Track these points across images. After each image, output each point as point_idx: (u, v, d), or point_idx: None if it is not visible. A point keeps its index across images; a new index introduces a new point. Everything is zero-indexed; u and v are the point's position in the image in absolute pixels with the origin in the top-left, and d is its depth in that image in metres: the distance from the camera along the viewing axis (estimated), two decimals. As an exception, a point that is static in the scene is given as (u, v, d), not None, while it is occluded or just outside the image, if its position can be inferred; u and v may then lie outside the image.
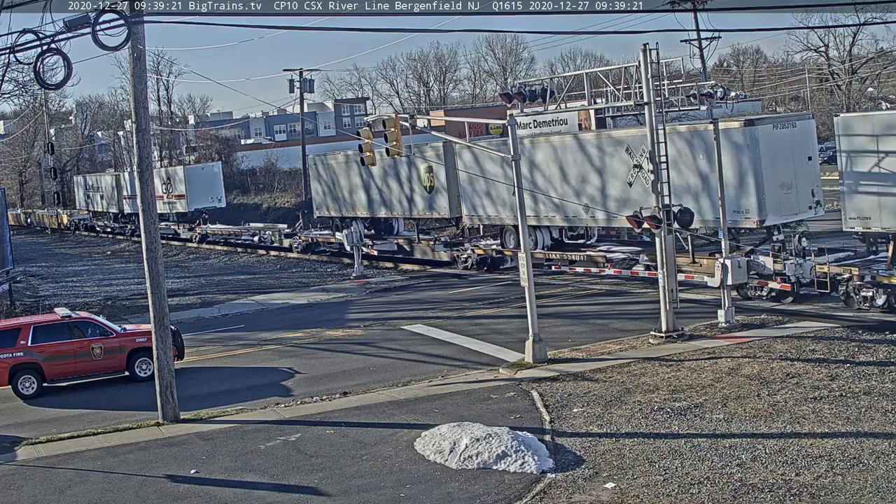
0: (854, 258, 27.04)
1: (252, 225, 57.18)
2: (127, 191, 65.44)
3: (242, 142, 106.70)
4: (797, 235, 27.84)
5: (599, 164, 31.59)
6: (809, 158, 28.70)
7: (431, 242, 42.09)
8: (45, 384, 23.99)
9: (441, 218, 41.50)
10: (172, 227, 61.45)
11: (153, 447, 18.78)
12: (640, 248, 32.32)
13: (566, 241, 35.79)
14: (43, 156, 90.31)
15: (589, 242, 35.68)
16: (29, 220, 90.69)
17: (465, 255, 38.90)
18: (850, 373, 19.80)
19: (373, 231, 45.66)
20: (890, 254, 25.53)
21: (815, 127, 28.51)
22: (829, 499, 13.77)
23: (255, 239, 53.89)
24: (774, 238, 28.05)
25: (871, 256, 26.85)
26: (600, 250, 33.69)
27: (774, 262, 27.01)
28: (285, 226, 53.91)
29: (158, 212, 67.36)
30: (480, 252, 38.09)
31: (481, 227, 39.45)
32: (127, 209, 66.46)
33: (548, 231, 35.53)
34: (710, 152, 27.04)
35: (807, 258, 26.66)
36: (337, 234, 43.62)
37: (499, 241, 37.48)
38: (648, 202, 25.63)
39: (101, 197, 73.44)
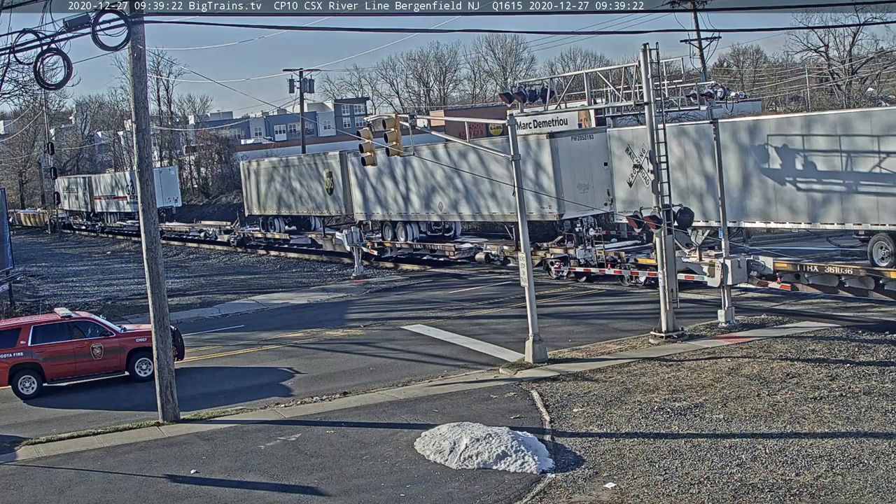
0: (634, 245, 33.24)
1: (203, 223, 64.94)
2: (98, 192, 72.42)
3: (242, 142, 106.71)
4: (587, 226, 34.36)
5: (467, 170, 37.57)
6: (605, 164, 33.37)
7: (332, 237, 46.53)
8: (45, 384, 24.00)
9: (338, 215, 48.17)
10: (137, 224, 65.04)
11: (153, 447, 18.78)
12: (505, 239, 38.36)
13: (430, 234, 43.58)
14: (43, 156, 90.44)
15: (447, 234, 43.51)
16: (10, 219, 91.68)
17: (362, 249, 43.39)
18: (850, 373, 19.80)
19: (294, 227, 51.66)
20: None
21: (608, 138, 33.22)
22: (829, 499, 13.77)
23: (202, 235, 61.42)
24: (576, 229, 34.70)
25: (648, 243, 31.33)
26: (455, 241, 41.89)
27: (566, 248, 34.39)
28: (228, 223, 60.39)
29: (125, 211, 69.95)
30: (370, 244, 44.52)
31: (370, 223, 46.22)
32: (98, 209, 73.86)
33: (416, 226, 42.76)
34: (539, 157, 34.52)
35: (596, 245, 33.29)
36: (337, 234, 43.72)
37: (387, 236, 44.39)
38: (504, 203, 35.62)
39: (76, 198, 79.29)
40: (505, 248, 37.47)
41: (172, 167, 72.97)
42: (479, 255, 39.00)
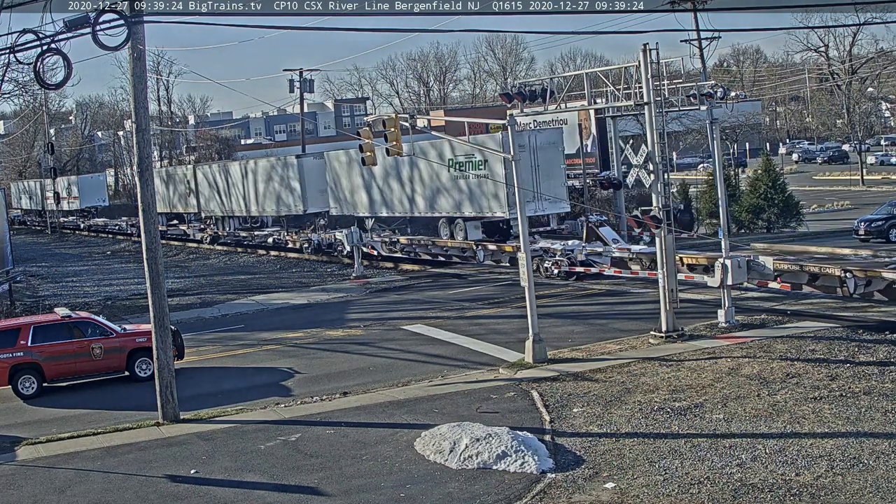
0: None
1: (123, 218, 74.39)
2: (49, 193, 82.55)
3: (242, 142, 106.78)
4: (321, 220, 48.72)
5: (259, 176, 54.02)
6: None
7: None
8: (45, 384, 23.98)
9: (195, 211, 61.89)
10: (78, 221, 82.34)
11: (153, 447, 18.78)
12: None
13: (250, 225, 57.28)
14: (43, 156, 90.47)
15: (256, 226, 56.82)
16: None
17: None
18: (850, 373, 19.80)
19: (248, 225, 58.67)
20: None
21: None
22: (829, 499, 13.77)
23: (117, 227, 73.53)
24: (321, 222, 48.86)
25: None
26: (263, 231, 54.23)
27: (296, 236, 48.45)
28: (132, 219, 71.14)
29: (65, 209, 78.39)
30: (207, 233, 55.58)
31: (208, 218, 60.34)
32: (49, 208, 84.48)
33: (236, 219, 58.17)
34: (287, 172, 51.09)
35: (318, 233, 47.16)
36: (337, 234, 43.77)
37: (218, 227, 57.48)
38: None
39: (31, 198, 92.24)
40: (286, 235, 50.61)
41: (102, 174, 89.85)
42: (269, 239, 52.17)
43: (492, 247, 35.84)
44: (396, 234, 44.08)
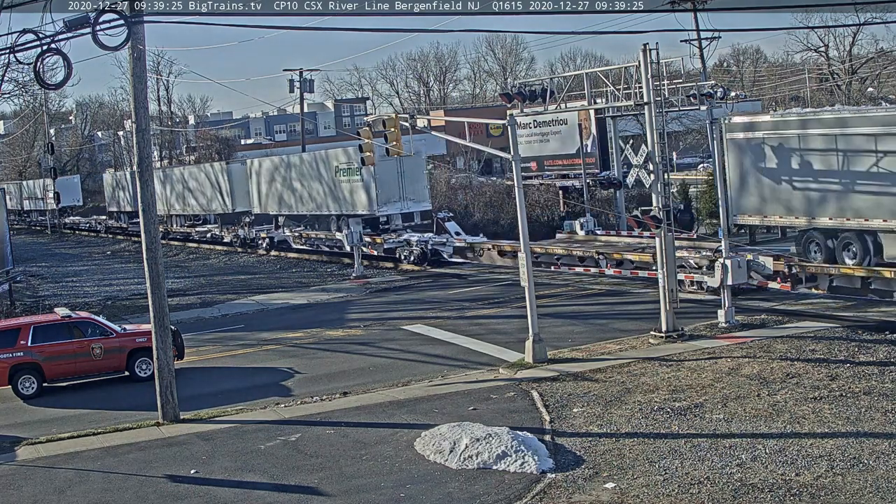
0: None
1: (93, 217, 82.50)
2: (25, 194, 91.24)
3: (242, 142, 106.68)
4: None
5: (201, 179, 60.47)
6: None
7: (218, 229, 58.76)
8: (45, 384, 23.97)
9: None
10: (52, 220, 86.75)
11: (153, 447, 18.78)
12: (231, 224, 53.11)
13: (192, 223, 62.88)
14: (43, 156, 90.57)
15: (199, 222, 62.37)
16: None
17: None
18: (850, 373, 19.80)
19: (191, 222, 63.72)
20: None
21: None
22: (829, 499, 13.77)
23: (88, 225, 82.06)
24: (246, 220, 54.87)
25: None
26: (204, 228, 60.51)
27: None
28: (105, 217, 79.54)
29: (44, 209, 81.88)
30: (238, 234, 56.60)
31: (163, 216, 62.19)
32: (25, 207, 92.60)
33: (183, 217, 64.11)
34: (220, 177, 57.86)
35: (244, 229, 54.10)
36: (337, 233, 43.80)
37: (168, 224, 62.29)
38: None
39: (10, 198, 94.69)
40: (220, 231, 58.01)
41: (76, 176, 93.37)
42: (208, 235, 59.19)
43: (367, 239, 42.80)
44: (307, 229, 50.60)
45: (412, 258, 41.33)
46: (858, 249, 26.64)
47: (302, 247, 50.05)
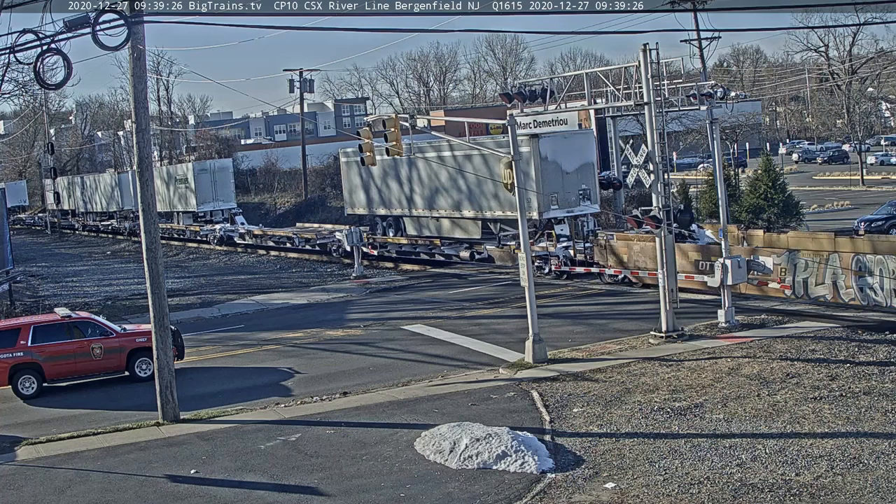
0: None
1: (39, 215, 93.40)
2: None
3: (242, 142, 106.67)
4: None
5: (118, 184, 70.66)
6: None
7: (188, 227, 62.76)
8: (45, 384, 23.98)
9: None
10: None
11: (153, 447, 18.78)
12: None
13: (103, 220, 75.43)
14: (43, 156, 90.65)
15: (111, 220, 73.97)
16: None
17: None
18: (850, 373, 19.80)
19: (111, 221, 73.31)
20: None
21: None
22: (829, 499, 13.77)
23: (32, 220, 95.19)
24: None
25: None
26: (107, 222, 73.50)
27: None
28: (47, 213, 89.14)
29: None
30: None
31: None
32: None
33: (95, 215, 76.63)
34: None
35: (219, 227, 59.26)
36: (337, 233, 43.77)
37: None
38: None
39: None
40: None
41: (22, 181, 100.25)
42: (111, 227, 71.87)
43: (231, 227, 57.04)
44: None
45: (215, 241, 57.15)
46: (395, 227, 44.52)
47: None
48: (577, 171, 35.83)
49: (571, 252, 34.44)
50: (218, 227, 57.77)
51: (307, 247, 49.37)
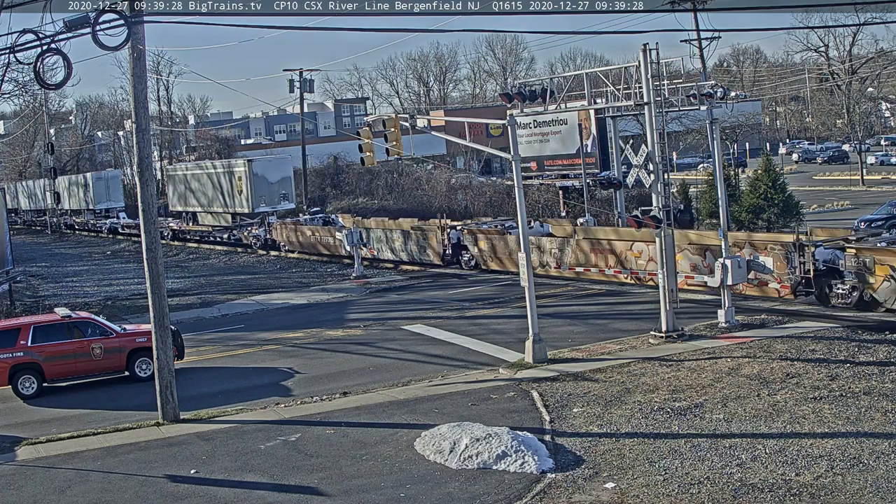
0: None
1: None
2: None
3: (242, 142, 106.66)
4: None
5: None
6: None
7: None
8: (45, 384, 23.98)
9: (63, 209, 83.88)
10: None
11: (153, 447, 18.78)
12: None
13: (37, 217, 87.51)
14: (43, 156, 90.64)
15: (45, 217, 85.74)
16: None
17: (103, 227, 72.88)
18: (850, 373, 19.80)
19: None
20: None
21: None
22: (829, 499, 13.77)
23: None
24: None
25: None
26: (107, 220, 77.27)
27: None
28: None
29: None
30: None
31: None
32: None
33: (27, 213, 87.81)
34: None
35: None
36: (337, 233, 43.83)
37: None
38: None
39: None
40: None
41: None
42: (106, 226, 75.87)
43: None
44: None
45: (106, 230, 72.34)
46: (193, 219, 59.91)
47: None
48: (279, 182, 54.24)
49: (267, 235, 51.76)
50: (108, 221, 74.40)
51: (224, 237, 57.72)
